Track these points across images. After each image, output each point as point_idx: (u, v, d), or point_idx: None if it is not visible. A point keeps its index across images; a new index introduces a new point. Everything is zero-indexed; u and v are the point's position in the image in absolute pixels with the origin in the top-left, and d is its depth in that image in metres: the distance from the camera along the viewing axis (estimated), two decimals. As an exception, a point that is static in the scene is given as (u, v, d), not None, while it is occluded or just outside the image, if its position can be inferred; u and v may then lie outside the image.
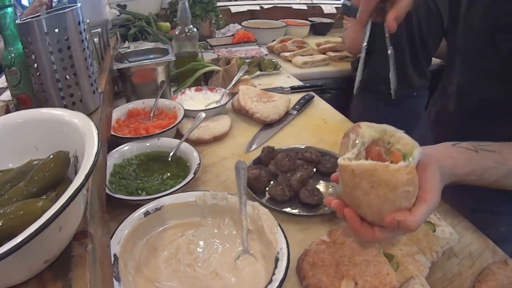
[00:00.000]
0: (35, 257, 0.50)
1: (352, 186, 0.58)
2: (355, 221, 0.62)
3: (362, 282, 0.63)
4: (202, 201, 0.81)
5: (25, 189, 0.63)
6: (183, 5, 1.50)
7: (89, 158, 0.52)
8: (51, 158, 0.64)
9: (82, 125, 0.62)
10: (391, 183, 0.54)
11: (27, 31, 0.86)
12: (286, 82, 1.77)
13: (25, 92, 1.01)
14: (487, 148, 0.72)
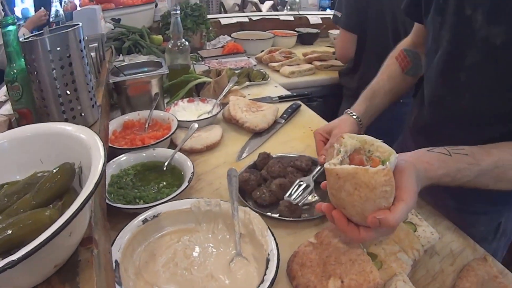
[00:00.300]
0: (47, 261, 0.55)
1: (337, 188, 0.64)
2: (342, 222, 0.68)
3: (347, 280, 0.69)
4: (197, 208, 0.86)
5: (32, 200, 0.68)
6: (175, 19, 1.56)
7: (97, 169, 0.57)
8: (57, 169, 0.69)
9: (87, 138, 0.67)
10: (371, 184, 0.61)
11: (31, 49, 0.91)
12: (274, 91, 1.83)
13: (26, 106, 1.06)
14: (460, 151, 0.78)
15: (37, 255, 0.48)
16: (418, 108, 1.20)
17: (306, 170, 1.08)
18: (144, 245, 0.81)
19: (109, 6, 2.24)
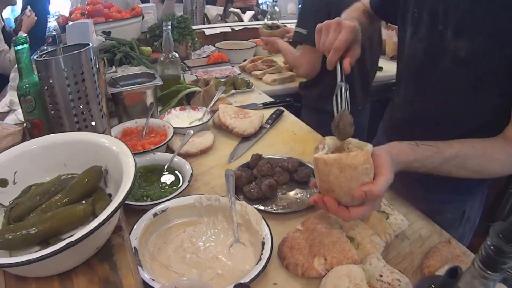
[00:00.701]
0: (92, 244, 0.68)
1: (326, 173, 0.79)
2: (334, 204, 0.82)
3: (330, 258, 0.83)
4: (199, 203, 1.00)
5: (65, 197, 0.81)
6: (167, 34, 1.69)
7: (130, 170, 0.71)
8: (87, 171, 0.82)
9: (114, 145, 0.80)
10: (353, 164, 0.76)
11: (46, 67, 1.03)
12: (259, 98, 1.97)
13: (39, 117, 1.17)
14: (426, 143, 0.93)
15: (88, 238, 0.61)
16: (390, 109, 1.36)
17: (292, 170, 1.22)
18: (155, 235, 0.94)
19: (99, 20, 2.35)
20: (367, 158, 0.77)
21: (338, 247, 0.85)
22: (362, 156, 0.77)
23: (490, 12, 0.92)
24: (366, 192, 0.78)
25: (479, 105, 1.04)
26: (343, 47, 0.94)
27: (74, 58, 1.04)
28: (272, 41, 2.31)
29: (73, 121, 1.08)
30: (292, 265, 0.86)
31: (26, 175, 0.88)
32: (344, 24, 0.94)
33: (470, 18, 0.96)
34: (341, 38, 0.93)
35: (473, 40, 0.96)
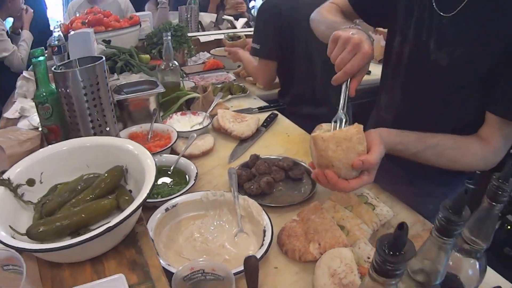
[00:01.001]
0: (121, 231, 0.80)
1: (324, 148, 0.92)
2: (334, 177, 0.94)
3: (323, 243, 0.95)
4: (206, 198, 1.11)
5: (92, 193, 0.92)
6: (167, 44, 1.81)
7: (152, 169, 0.82)
8: (111, 170, 0.93)
9: (134, 148, 0.92)
10: (347, 136, 0.89)
11: (64, 78, 1.14)
12: (254, 103, 2.09)
13: (55, 123, 1.28)
14: (409, 132, 1.07)
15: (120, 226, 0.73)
16: (377, 111, 1.49)
17: (287, 169, 1.34)
18: (168, 227, 1.06)
19: (100, 29, 2.45)
20: (358, 129, 0.91)
21: (330, 233, 0.97)
22: (354, 128, 0.91)
23: (465, 30, 1.06)
24: (363, 161, 0.90)
25: (458, 109, 1.16)
26: (354, 72, 1.01)
27: (89, 70, 1.15)
28: (234, 51, 2.46)
29: (89, 126, 1.19)
30: (290, 251, 0.98)
31: (51, 176, 1.00)
32: (361, 49, 0.98)
33: (450, 33, 1.09)
34: (354, 63, 0.99)
35: (452, 52, 1.09)
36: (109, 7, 3.27)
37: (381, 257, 0.45)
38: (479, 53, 1.05)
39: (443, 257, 0.56)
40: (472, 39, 1.05)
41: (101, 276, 0.76)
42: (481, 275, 0.67)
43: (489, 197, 0.61)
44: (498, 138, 1.08)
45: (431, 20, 1.13)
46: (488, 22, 1.02)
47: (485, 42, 1.03)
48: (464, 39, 1.07)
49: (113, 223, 0.71)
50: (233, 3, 3.72)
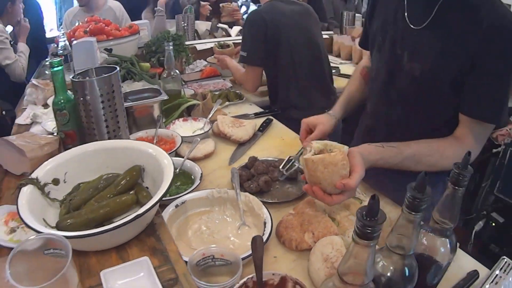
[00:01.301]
0: (145, 220, 0.92)
1: (314, 169, 1.05)
2: (320, 193, 1.08)
3: (317, 232, 1.08)
4: (211, 196, 1.24)
5: (114, 190, 1.04)
6: (169, 54, 1.94)
7: (170, 167, 0.95)
8: (130, 170, 1.06)
9: (151, 149, 1.04)
10: (333, 161, 1.02)
11: (82, 87, 1.26)
12: (250, 109, 2.22)
13: (72, 128, 1.39)
14: (390, 145, 1.20)
15: (143, 216, 0.85)
16: (363, 117, 1.63)
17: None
18: (177, 221, 1.18)
19: (102, 38, 2.56)
20: (344, 156, 1.03)
21: (323, 224, 1.10)
22: (340, 155, 1.03)
23: (434, 42, 1.20)
24: (344, 184, 1.04)
25: (432, 111, 1.30)
26: None
27: (106, 80, 1.27)
28: (222, 59, 2.63)
29: (104, 131, 1.31)
30: (288, 241, 1.11)
31: (74, 175, 1.12)
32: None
33: (421, 46, 1.23)
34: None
35: (424, 63, 1.23)
36: (104, 15, 3.37)
37: (361, 222, 0.58)
38: (446, 62, 1.19)
39: (413, 230, 0.69)
40: (440, 50, 1.19)
41: (126, 261, 0.88)
42: (452, 251, 0.80)
43: (452, 182, 0.74)
44: (471, 137, 1.21)
45: (404, 33, 1.27)
46: (452, 35, 1.16)
47: (451, 52, 1.17)
48: (433, 51, 1.21)
49: (140, 212, 0.83)
50: (229, 10, 3.86)
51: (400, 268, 0.73)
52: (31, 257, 0.76)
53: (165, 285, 0.80)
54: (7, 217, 1.10)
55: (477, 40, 1.12)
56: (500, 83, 1.16)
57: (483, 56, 1.13)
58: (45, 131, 1.67)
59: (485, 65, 1.13)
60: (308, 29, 2.36)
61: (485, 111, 1.18)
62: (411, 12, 1.26)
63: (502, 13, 1.12)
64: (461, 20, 1.15)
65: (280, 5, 2.31)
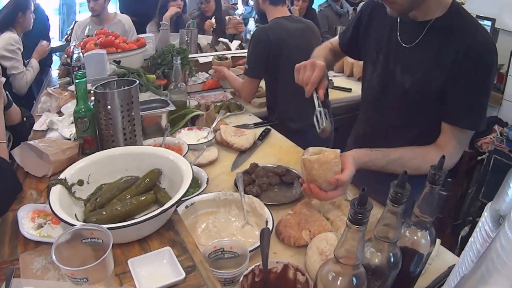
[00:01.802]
0: (166, 216, 1.06)
1: (310, 168, 1.20)
2: (316, 189, 1.23)
3: (313, 230, 1.22)
4: (218, 197, 1.38)
5: (135, 190, 1.18)
6: (176, 67, 2.08)
7: (188, 170, 1.09)
8: (149, 173, 1.19)
9: (171, 155, 1.18)
10: (327, 160, 1.18)
11: (104, 97, 1.39)
12: (249, 119, 2.37)
13: (91, 135, 1.53)
14: (377, 150, 1.35)
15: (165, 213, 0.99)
16: (356, 124, 1.78)
17: (281, 174, 1.61)
18: (187, 220, 1.32)
19: (111, 50, 2.70)
20: (336, 155, 1.20)
21: (318, 223, 1.24)
22: (332, 154, 1.20)
23: (422, 59, 1.36)
24: (338, 179, 1.20)
25: (419, 119, 1.45)
26: (317, 82, 1.36)
27: (126, 92, 1.41)
28: (220, 70, 2.82)
29: (122, 139, 1.45)
30: (286, 238, 1.25)
31: (96, 177, 1.25)
32: (317, 64, 1.36)
33: (411, 61, 1.39)
34: (316, 74, 1.35)
35: (414, 76, 1.38)
36: (113, 27, 3.50)
37: (353, 210, 0.72)
38: (433, 76, 1.34)
39: (396, 220, 0.84)
40: (427, 66, 1.35)
41: (148, 252, 1.01)
42: (432, 242, 0.94)
43: (430, 181, 0.88)
44: (452, 143, 1.36)
45: (397, 50, 1.43)
46: (438, 53, 1.32)
47: (436, 68, 1.33)
48: (421, 66, 1.37)
49: (166, 207, 0.98)
50: (234, 23, 4.05)
51: (386, 255, 0.87)
52: (69, 245, 0.89)
53: (184, 271, 0.93)
54: (33, 214, 1.22)
55: (459, 58, 1.27)
56: (477, 94, 1.31)
57: (462, 71, 1.28)
58: (61, 137, 1.79)
59: (464, 78, 1.28)
60: (309, 46, 2.51)
61: (464, 119, 1.33)
62: (403, 32, 1.42)
63: (481, 36, 1.28)
64: (446, 40, 1.30)
65: (285, 23, 2.49)
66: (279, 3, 2.53)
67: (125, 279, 0.93)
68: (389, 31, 1.46)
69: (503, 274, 0.57)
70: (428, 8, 1.32)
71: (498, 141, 3.10)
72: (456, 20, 1.31)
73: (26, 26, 3.61)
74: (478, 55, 1.26)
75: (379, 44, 1.51)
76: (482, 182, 3.11)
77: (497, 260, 0.57)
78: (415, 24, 1.37)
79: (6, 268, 0.97)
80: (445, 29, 1.31)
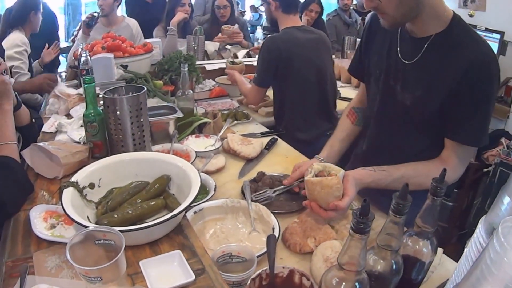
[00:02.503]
0: (176, 221, 1.08)
1: (312, 189, 1.22)
2: (317, 208, 1.27)
3: (318, 238, 1.25)
4: (225, 204, 1.40)
5: (146, 195, 1.21)
6: (184, 74, 2.12)
7: (197, 177, 1.12)
8: (159, 178, 1.22)
9: (179, 161, 1.21)
10: (329, 185, 1.20)
11: (113, 103, 1.42)
12: (256, 128, 2.40)
13: (100, 139, 1.56)
14: (380, 168, 1.38)
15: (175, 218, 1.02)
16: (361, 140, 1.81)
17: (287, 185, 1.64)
18: (195, 226, 1.34)
19: (118, 54, 2.73)
20: (338, 181, 1.23)
21: (323, 231, 1.27)
22: (335, 179, 1.23)
23: (423, 76, 1.37)
24: (336, 206, 1.24)
25: (420, 136, 1.47)
26: None
27: (134, 98, 1.44)
28: (231, 73, 2.88)
29: (131, 144, 1.48)
30: (292, 245, 1.27)
31: (107, 181, 1.28)
32: None
33: (412, 78, 1.40)
34: None
35: (414, 93, 1.40)
36: (121, 31, 3.54)
37: (356, 219, 0.75)
38: (433, 94, 1.35)
39: (398, 230, 0.87)
40: (427, 83, 1.36)
41: (158, 255, 1.04)
42: (434, 251, 0.97)
43: (432, 193, 0.91)
44: (455, 158, 1.38)
45: (397, 67, 1.44)
46: (438, 70, 1.33)
47: (436, 85, 1.34)
48: (422, 83, 1.38)
49: (175, 212, 1.00)
50: (228, 33, 4.02)
51: (388, 263, 0.90)
52: (83, 245, 0.92)
53: (194, 273, 0.96)
54: (45, 214, 1.26)
55: (460, 75, 1.27)
56: (479, 112, 1.32)
57: (464, 88, 1.28)
58: (71, 140, 1.82)
59: (466, 96, 1.29)
60: (319, 58, 2.58)
61: (467, 136, 1.35)
62: (403, 48, 1.41)
63: (483, 51, 1.28)
64: (447, 57, 1.31)
65: (297, 34, 2.53)
66: (292, 12, 2.57)
67: (137, 279, 0.96)
68: (389, 46, 1.47)
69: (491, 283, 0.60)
70: (425, 25, 1.32)
71: (504, 154, 3.13)
72: (457, 35, 1.30)
73: (35, 27, 3.61)
74: (480, 72, 1.26)
75: (380, 60, 1.52)
76: (487, 193, 3.15)
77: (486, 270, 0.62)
78: (415, 40, 1.37)
79: (20, 266, 1.01)
80: (446, 45, 1.31)
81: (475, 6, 4.18)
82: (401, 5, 1.25)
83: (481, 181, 3.46)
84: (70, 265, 0.84)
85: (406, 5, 1.25)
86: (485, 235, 0.77)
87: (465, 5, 4.27)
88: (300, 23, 2.64)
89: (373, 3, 1.27)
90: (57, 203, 1.31)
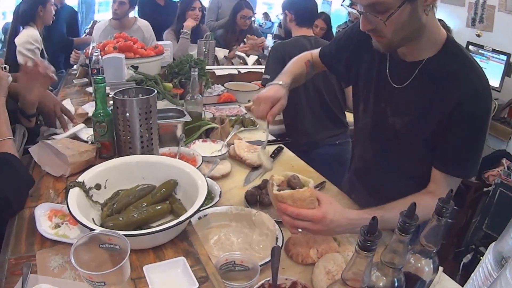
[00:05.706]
0: (181, 227, 1.09)
1: None
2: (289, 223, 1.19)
3: (320, 249, 1.25)
4: (230, 211, 1.41)
5: (151, 199, 1.21)
6: (194, 78, 2.13)
7: (204, 185, 1.12)
8: (166, 183, 1.23)
9: (186, 167, 1.22)
10: (302, 197, 1.15)
11: (123, 104, 1.43)
12: (263, 136, 2.40)
13: (108, 140, 1.57)
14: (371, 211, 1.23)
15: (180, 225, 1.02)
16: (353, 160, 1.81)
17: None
18: (200, 232, 1.34)
19: (129, 55, 2.76)
20: (311, 193, 1.16)
21: (326, 243, 1.27)
22: (308, 192, 1.15)
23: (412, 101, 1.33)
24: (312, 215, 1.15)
25: (412, 161, 1.43)
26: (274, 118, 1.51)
27: (144, 101, 1.45)
28: None
29: (139, 146, 1.49)
30: (295, 255, 1.27)
31: (113, 183, 1.29)
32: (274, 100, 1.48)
33: (401, 102, 1.36)
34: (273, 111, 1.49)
35: (404, 118, 1.37)
36: (133, 34, 3.55)
37: (363, 237, 0.75)
38: (423, 121, 1.30)
39: (403, 248, 0.87)
40: (418, 109, 1.31)
41: (162, 260, 1.04)
42: (435, 270, 0.97)
43: (437, 213, 0.91)
44: (443, 189, 1.26)
45: (387, 91, 1.38)
46: (429, 98, 1.27)
47: (426, 112, 1.29)
48: (412, 108, 1.33)
49: (181, 219, 1.01)
50: (253, 43, 4.00)
51: (390, 280, 0.90)
52: (87, 247, 0.92)
53: (197, 281, 0.96)
54: (50, 213, 1.25)
55: (452, 105, 1.22)
56: (470, 145, 1.27)
57: (456, 120, 1.23)
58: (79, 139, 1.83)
59: (458, 128, 1.24)
60: None
61: (456, 168, 1.30)
62: (393, 72, 1.36)
63: (477, 82, 1.22)
64: (438, 85, 1.25)
65: (304, 42, 2.56)
66: (305, 25, 2.62)
67: (140, 284, 0.96)
68: (377, 68, 1.42)
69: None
70: (419, 49, 1.27)
71: (505, 175, 3.14)
72: (450, 62, 1.25)
73: (47, 19, 3.57)
74: (474, 105, 1.21)
75: (368, 81, 1.47)
76: (486, 213, 3.16)
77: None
78: (406, 64, 1.32)
79: (23, 264, 1.01)
80: (437, 72, 1.26)
81: (482, 27, 4.20)
82: (402, 29, 1.18)
83: (481, 200, 3.48)
84: (73, 266, 0.84)
85: (407, 30, 1.19)
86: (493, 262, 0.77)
87: (473, 25, 4.29)
88: (311, 35, 2.67)
89: (371, 25, 1.20)
90: (62, 201, 1.32)
